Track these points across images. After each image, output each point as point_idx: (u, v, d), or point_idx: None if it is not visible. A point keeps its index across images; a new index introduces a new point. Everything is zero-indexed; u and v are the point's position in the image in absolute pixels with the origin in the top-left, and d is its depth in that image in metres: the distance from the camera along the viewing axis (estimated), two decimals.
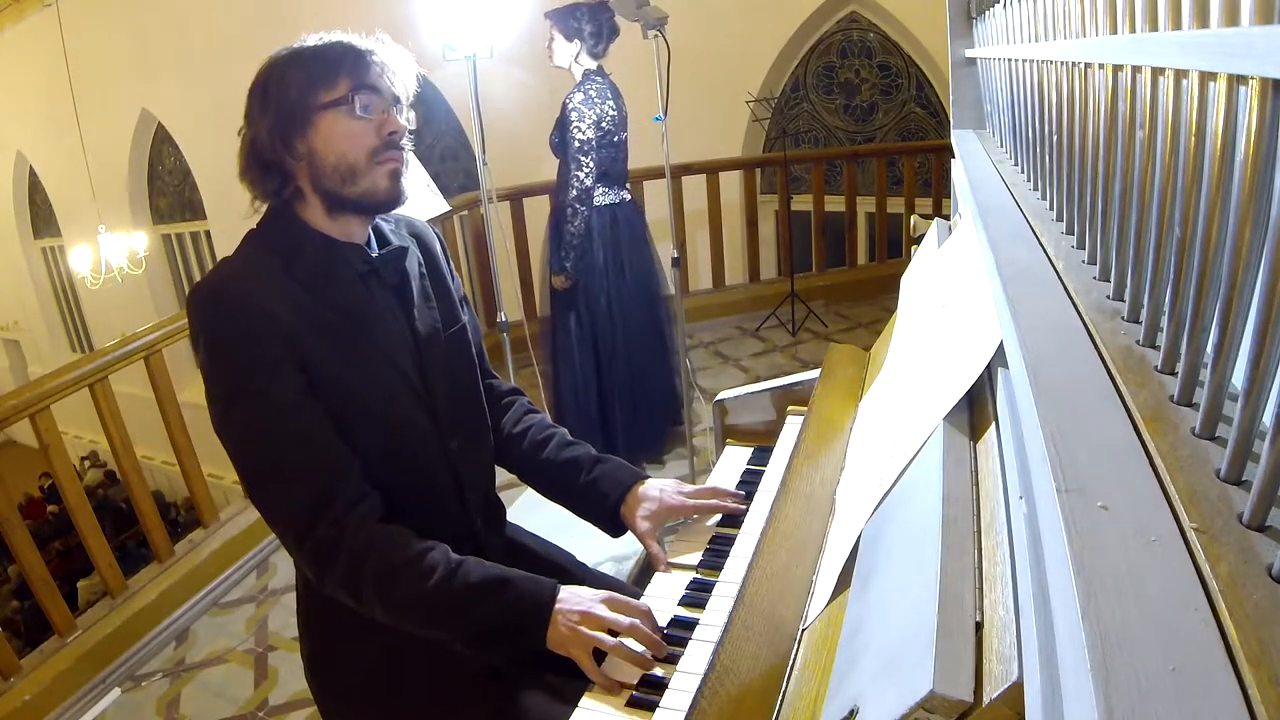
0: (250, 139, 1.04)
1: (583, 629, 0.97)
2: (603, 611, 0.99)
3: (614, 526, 1.23)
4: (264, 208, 1.08)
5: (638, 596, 1.10)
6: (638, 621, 0.98)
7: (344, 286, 1.06)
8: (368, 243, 1.11)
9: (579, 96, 2.60)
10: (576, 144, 2.59)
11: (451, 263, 1.26)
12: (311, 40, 1.06)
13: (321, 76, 1.02)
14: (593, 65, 2.66)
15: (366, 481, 1.03)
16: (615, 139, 2.70)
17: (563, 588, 1.03)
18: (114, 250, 6.40)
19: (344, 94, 1.02)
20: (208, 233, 7.82)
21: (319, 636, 1.16)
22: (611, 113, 2.65)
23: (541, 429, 1.28)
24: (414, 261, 1.16)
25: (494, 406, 1.28)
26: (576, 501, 1.25)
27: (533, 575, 1.04)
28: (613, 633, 0.98)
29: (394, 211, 1.14)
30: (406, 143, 1.08)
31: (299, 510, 0.99)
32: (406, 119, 1.08)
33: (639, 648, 0.97)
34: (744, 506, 1.22)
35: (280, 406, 0.99)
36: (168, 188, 8.13)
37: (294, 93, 1.01)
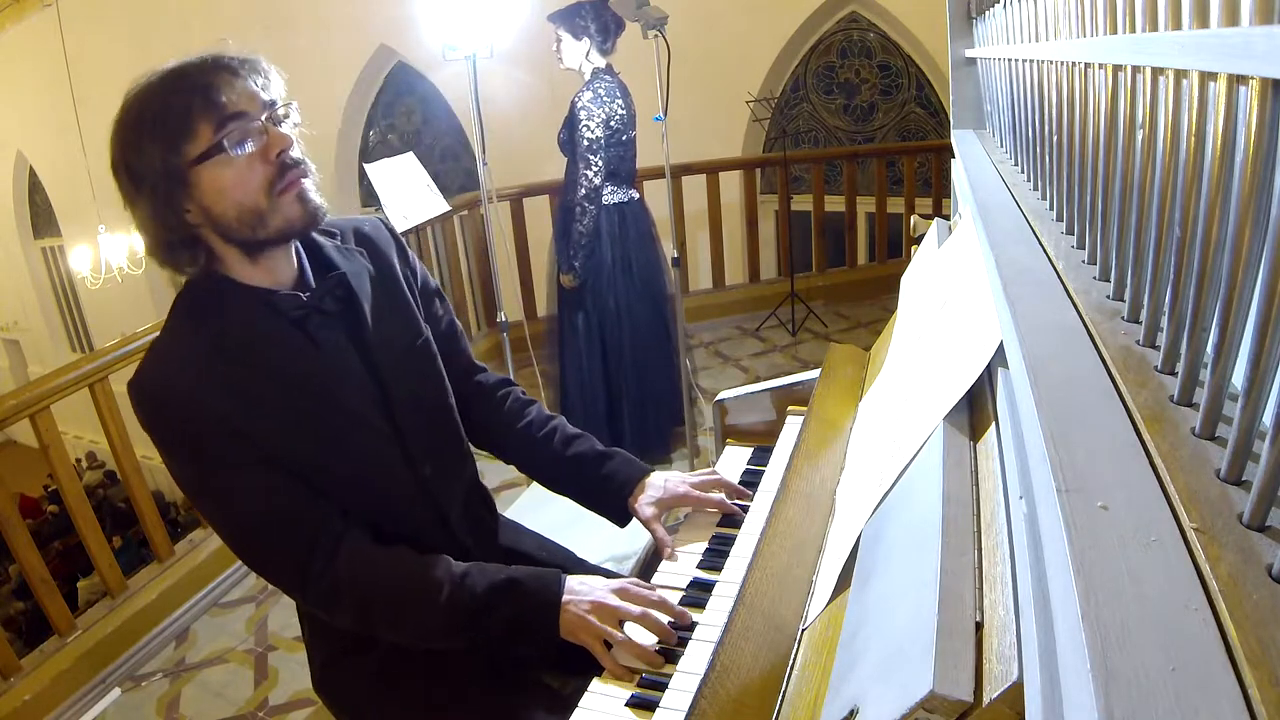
0: (139, 222, 0.94)
1: (593, 619, 0.98)
2: (614, 601, 0.99)
3: (621, 517, 1.23)
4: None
5: None
6: (649, 610, 0.99)
7: (280, 347, 0.98)
8: (301, 273, 1.02)
9: (588, 95, 2.60)
10: (585, 143, 2.59)
11: (412, 257, 1.17)
12: (152, 78, 0.91)
13: (177, 131, 0.89)
14: (602, 63, 2.66)
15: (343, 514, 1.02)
16: (623, 137, 2.70)
17: (570, 577, 1.03)
18: (114, 250, 6.39)
19: (210, 139, 0.89)
20: None
21: (325, 649, 1.16)
22: (621, 111, 2.66)
23: (542, 423, 1.26)
24: (363, 278, 1.06)
25: (486, 401, 1.26)
26: (583, 496, 1.25)
27: (537, 571, 1.04)
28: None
29: (336, 220, 1.06)
30: (301, 151, 0.95)
31: (289, 571, 1.00)
32: (291, 120, 0.96)
33: (650, 638, 0.98)
34: (748, 501, 1.22)
35: (239, 488, 0.97)
36: None
37: (158, 161, 0.89)
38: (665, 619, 0.99)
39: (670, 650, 0.97)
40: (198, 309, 0.98)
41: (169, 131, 0.89)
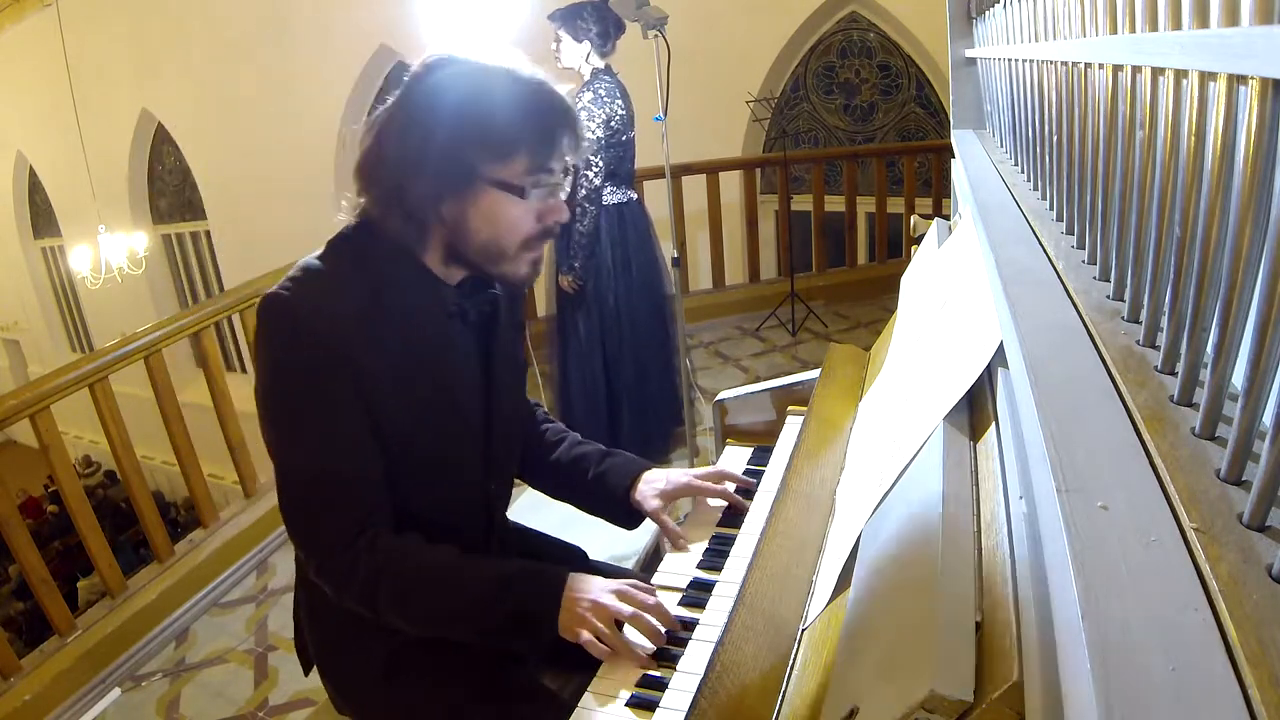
0: (395, 185, 0.94)
1: (590, 617, 0.98)
2: (611, 601, 1.00)
3: (627, 518, 1.23)
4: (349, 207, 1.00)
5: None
6: (640, 612, 0.99)
7: (430, 328, 1.00)
8: (460, 285, 1.05)
9: (589, 96, 2.60)
10: (586, 143, 2.58)
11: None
12: (509, 76, 0.93)
13: (499, 148, 0.92)
14: (601, 64, 2.66)
15: (399, 507, 1.03)
16: (623, 138, 2.70)
17: (572, 575, 1.03)
18: (114, 250, 6.38)
19: (518, 178, 0.93)
20: (208, 233, 7.81)
21: (319, 638, 1.16)
22: (621, 112, 2.66)
23: (555, 433, 1.28)
24: (501, 302, 1.09)
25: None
26: (586, 497, 1.25)
27: (539, 566, 1.05)
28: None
29: None
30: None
31: (326, 539, 0.99)
32: (566, 190, 0.99)
33: (644, 640, 0.98)
34: (752, 483, 1.23)
35: (332, 443, 0.96)
36: (168, 188, 8.12)
37: (466, 157, 0.92)
38: (658, 623, 0.99)
39: (670, 650, 0.97)
40: (361, 258, 0.98)
41: (491, 142, 0.92)
